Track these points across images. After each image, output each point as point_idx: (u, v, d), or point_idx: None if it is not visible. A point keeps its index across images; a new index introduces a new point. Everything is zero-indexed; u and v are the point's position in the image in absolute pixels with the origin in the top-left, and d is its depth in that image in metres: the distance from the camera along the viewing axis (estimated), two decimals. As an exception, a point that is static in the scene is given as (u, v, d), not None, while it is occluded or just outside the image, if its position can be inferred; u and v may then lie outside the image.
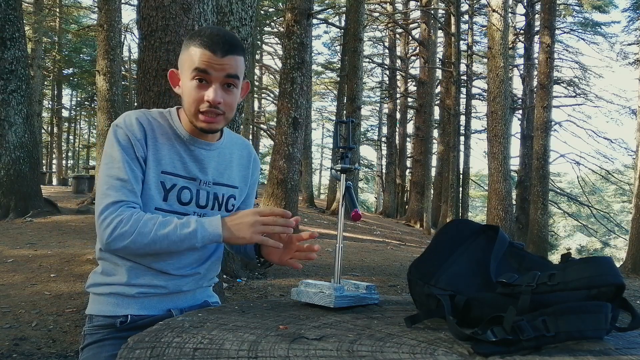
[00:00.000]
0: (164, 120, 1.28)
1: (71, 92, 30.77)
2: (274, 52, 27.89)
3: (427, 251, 1.01)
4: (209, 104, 1.20)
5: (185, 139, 1.28)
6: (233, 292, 4.32)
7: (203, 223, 1.16)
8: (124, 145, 1.20)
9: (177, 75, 1.29)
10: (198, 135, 1.29)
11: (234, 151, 1.38)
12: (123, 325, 1.25)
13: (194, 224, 1.16)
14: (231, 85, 1.23)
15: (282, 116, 8.92)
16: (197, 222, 1.16)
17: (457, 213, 14.49)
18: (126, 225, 1.14)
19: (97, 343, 1.24)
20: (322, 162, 39.89)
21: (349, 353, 0.71)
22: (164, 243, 1.15)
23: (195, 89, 1.21)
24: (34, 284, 4.08)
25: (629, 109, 18.82)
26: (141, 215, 1.16)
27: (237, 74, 1.22)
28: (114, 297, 1.27)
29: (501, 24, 11.17)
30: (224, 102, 1.22)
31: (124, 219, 1.15)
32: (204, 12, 3.16)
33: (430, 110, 18.55)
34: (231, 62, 1.20)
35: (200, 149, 1.29)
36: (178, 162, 1.26)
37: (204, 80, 1.20)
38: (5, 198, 7.50)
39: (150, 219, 1.16)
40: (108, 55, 10.70)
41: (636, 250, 9.45)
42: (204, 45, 1.19)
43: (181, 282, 1.30)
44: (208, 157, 1.30)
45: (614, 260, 0.85)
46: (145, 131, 1.23)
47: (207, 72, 1.19)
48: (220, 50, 1.18)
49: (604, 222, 20.36)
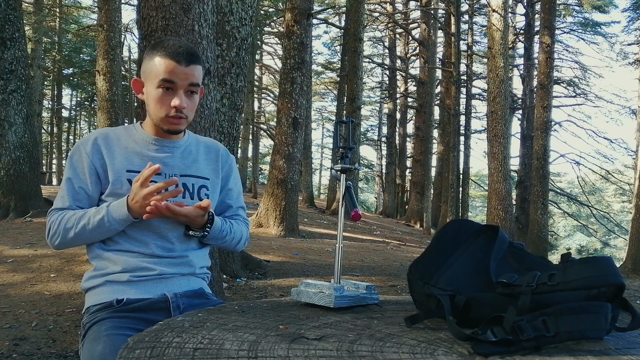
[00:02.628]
0: (127, 131, 1.45)
1: (71, 92, 30.77)
2: (274, 52, 27.89)
3: (427, 251, 1.01)
4: (175, 109, 1.35)
5: (148, 141, 1.43)
6: (233, 292, 4.32)
7: (110, 209, 1.31)
8: (73, 162, 1.38)
9: (140, 82, 1.42)
10: (162, 135, 1.43)
11: (199, 148, 1.50)
12: (120, 304, 1.30)
13: (103, 211, 1.31)
14: (193, 92, 1.38)
15: (282, 116, 8.92)
16: (107, 208, 1.31)
17: (457, 213, 14.49)
18: (54, 225, 1.34)
19: (96, 324, 1.28)
20: (322, 162, 39.90)
21: (349, 353, 0.71)
22: (85, 233, 1.32)
23: (161, 97, 1.35)
24: (34, 284, 4.08)
25: (629, 109, 18.85)
26: (67, 214, 1.34)
27: (198, 82, 1.38)
28: (109, 285, 1.34)
29: (501, 24, 11.17)
30: (188, 107, 1.37)
31: (54, 221, 1.35)
32: (204, 12, 3.15)
33: (430, 110, 18.55)
34: (193, 71, 1.35)
35: (164, 146, 1.43)
36: (142, 160, 1.39)
37: (169, 88, 1.35)
38: (5, 198, 7.50)
39: (72, 215, 1.33)
40: (108, 55, 10.70)
41: (636, 250, 9.44)
42: (169, 56, 1.33)
43: (169, 266, 1.37)
44: (172, 152, 1.43)
45: (614, 260, 0.85)
46: (100, 144, 1.38)
47: (172, 82, 1.34)
48: (184, 61, 1.33)
49: (604, 222, 20.36)
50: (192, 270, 1.41)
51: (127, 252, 1.36)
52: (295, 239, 8.46)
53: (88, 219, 1.32)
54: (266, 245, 6.96)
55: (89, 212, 1.33)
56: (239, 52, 4.68)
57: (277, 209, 8.80)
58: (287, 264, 5.84)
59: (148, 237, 1.36)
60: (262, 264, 5.36)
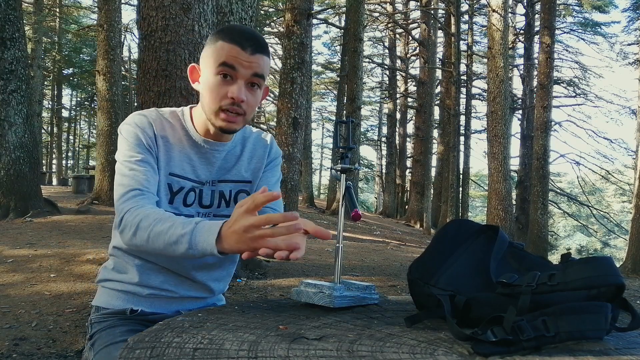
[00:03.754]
0: (176, 120, 1.24)
1: (71, 92, 30.80)
2: (274, 52, 27.85)
3: (427, 251, 1.01)
4: (232, 100, 1.15)
5: (197, 142, 1.23)
6: (233, 292, 4.32)
7: (197, 229, 0.97)
8: (135, 138, 1.17)
9: (197, 70, 1.23)
10: (212, 137, 1.24)
11: (246, 146, 1.32)
12: (133, 314, 1.25)
13: (189, 226, 0.98)
14: (255, 85, 1.18)
15: (282, 116, 8.93)
16: (195, 225, 0.98)
17: (457, 213, 14.49)
18: (131, 216, 1.07)
19: (109, 328, 1.23)
20: (322, 162, 39.90)
21: (349, 353, 0.71)
22: (157, 242, 1.02)
23: (218, 85, 1.15)
24: (34, 284, 4.08)
25: (629, 109, 18.86)
26: (147, 209, 1.08)
27: (263, 74, 1.18)
28: (125, 294, 1.27)
29: (501, 24, 11.17)
30: (247, 102, 1.17)
31: (131, 209, 1.08)
32: (204, 12, 3.16)
33: (430, 110, 18.56)
34: (259, 61, 1.16)
35: (212, 150, 1.25)
36: (187, 165, 1.23)
37: (228, 76, 1.15)
38: (5, 198, 7.50)
39: (153, 213, 1.05)
40: (108, 55, 10.70)
41: (636, 250, 9.44)
42: (233, 41, 1.14)
43: (191, 288, 1.30)
44: (217, 157, 1.26)
45: (614, 260, 0.85)
46: (155, 130, 1.19)
47: (234, 68, 1.14)
48: (250, 47, 1.14)
49: (604, 222, 20.36)
50: (211, 295, 1.35)
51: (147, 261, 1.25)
52: (295, 239, 8.43)
53: (170, 226, 1.00)
54: (266, 245, 6.94)
55: (176, 219, 1.02)
56: (239, 52, 4.68)
57: (277, 209, 8.79)
58: (287, 264, 5.84)
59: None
60: (262, 264, 5.36)
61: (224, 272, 1.37)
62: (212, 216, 1.28)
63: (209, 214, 1.27)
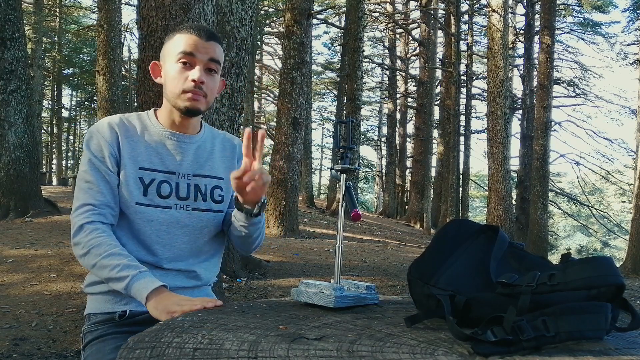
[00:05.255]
0: (142, 120, 1.35)
1: (71, 92, 30.79)
2: (274, 52, 27.89)
3: (427, 251, 1.01)
4: (194, 83, 1.26)
5: (162, 134, 1.33)
6: (233, 292, 4.32)
7: (134, 280, 1.14)
8: (92, 150, 1.27)
9: (158, 66, 1.36)
10: (177, 128, 1.34)
11: (215, 143, 1.41)
12: (122, 319, 1.26)
13: (131, 272, 1.15)
14: (213, 71, 1.30)
15: (282, 116, 8.92)
16: (132, 277, 1.15)
17: (457, 213, 14.49)
18: (84, 238, 1.21)
19: (99, 339, 1.25)
20: (322, 162, 39.88)
21: (349, 353, 0.71)
22: (101, 272, 1.18)
23: (179, 71, 1.28)
24: (34, 284, 4.08)
25: (629, 109, 18.85)
26: (103, 236, 1.21)
27: (219, 59, 1.31)
28: (112, 294, 1.28)
29: (501, 24, 11.17)
30: (207, 84, 1.28)
31: (84, 225, 1.21)
32: (203, 12, 3.16)
33: (430, 111, 18.56)
34: (214, 47, 1.30)
35: (179, 142, 1.34)
36: (155, 158, 1.31)
37: (188, 63, 1.27)
38: (5, 198, 7.50)
39: (106, 243, 1.19)
40: (108, 55, 10.71)
41: (636, 250, 9.45)
42: (189, 31, 1.28)
43: (176, 279, 1.31)
44: (187, 149, 1.34)
45: (614, 260, 0.85)
46: (117, 132, 1.28)
47: (192, 55, 1.27)
48: (205, 35, 1.29)
49: (604, 222, 20.37)
50: (199, 283, 1.36)
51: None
52: (295, 239, 8.46)
53: (115, 266, 1.17)
54: (266, 245, 6.96)
55: (121, 258, 1.18)
56: (239, 52, 4.68)
57: (277, 209, 8.80)
58: (287, 264, 5.84)
59: (156, 245, 1.29)
60: (262, 264, 5.36)
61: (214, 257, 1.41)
62: (191, 210, 1.33)
63: (187, 206, 1.33)
